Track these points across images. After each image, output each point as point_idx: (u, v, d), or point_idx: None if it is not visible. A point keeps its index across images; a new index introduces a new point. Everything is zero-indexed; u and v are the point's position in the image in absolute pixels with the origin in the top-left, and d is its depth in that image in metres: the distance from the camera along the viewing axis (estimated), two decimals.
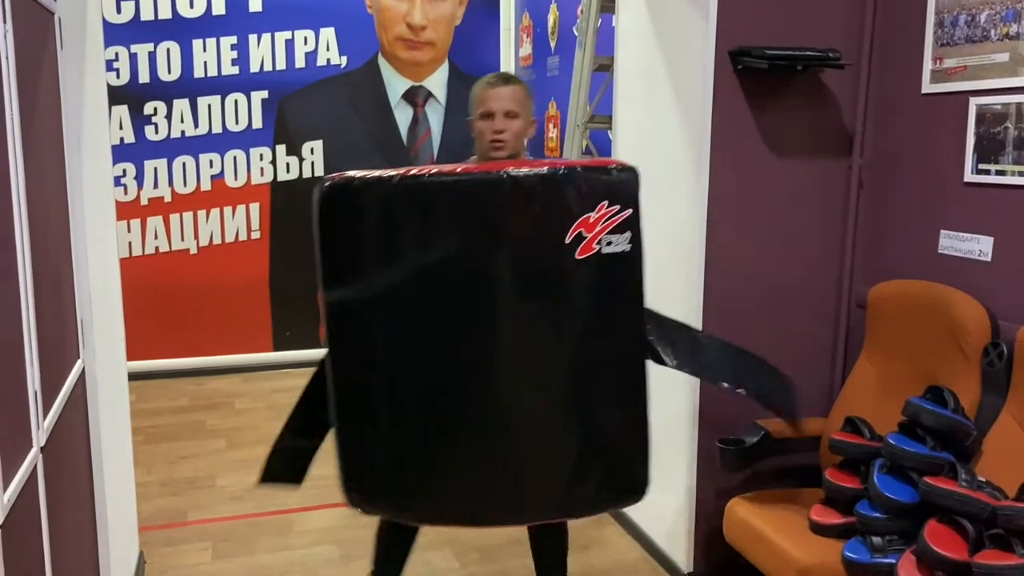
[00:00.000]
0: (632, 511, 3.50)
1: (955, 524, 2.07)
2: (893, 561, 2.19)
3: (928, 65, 2.68)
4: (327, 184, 1.92)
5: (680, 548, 3.06)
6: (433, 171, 1.87)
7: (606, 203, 1.88)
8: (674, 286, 3.12)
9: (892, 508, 2.28)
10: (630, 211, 1.92)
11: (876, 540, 2.29)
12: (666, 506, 3.15)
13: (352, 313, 1.96)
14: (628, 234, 1.92)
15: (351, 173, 1.92)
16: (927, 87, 2.69)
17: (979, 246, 2.53)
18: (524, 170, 1.86)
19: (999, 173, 2.45)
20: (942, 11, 2.62)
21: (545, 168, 1.88)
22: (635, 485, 2.08)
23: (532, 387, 1.96)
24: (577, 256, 1.87)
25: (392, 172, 1.88)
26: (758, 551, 2.57)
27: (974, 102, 2.52)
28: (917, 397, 2.40)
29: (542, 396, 1.97)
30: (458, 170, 1.91)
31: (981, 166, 2.51)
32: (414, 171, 1.87)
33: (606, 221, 1.89)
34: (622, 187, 1.92)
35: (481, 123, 2.30)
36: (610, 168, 1.94)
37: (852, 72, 2.86)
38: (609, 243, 1.90)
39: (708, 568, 3.01)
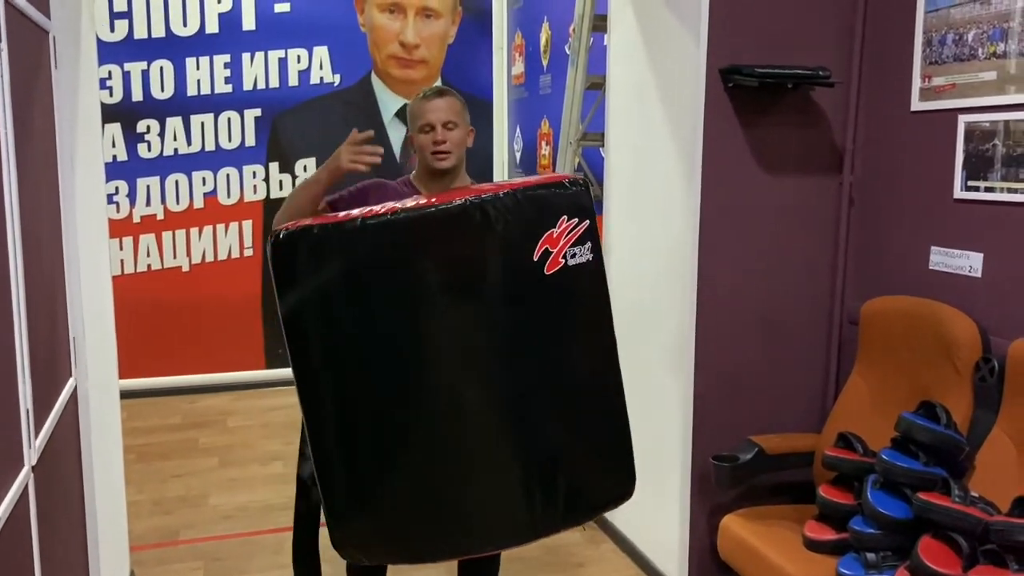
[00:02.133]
0: (627, 529, 3.49)
1: (949, 540, 2.07)
2: None
3: (917, 83, 2.70)
4: (281, 235, 1.90)
5: (674, 565, 3.05)
6: (395, 208, 1.87)
7: (565, 217, 1.94)
8: (667, 301, 3.14)
9: (886, 524, 2.28)
10: (588, 222, 1.97)
11: (870, 556, 2.29)
12: (660, 523, 3.14)
13: (327, 363, 1.95)
14: (588, 244, 1.98)
15: (307, 221, 1.92)
16: (916, 105, 2.71)
17: (969, 262, 2.55)
18: (486, 195, 1.89)
19: (988, 190, 2.47)
20: (930, 30, 2.65)
21: (505, 190, 1.91)
22: (618, 495, 2.13)
23: (515, 410, 1.97)
24: (546, 271, 1.92)
25: (353, 214, 1.88)
26: (752, 568, 2.57)
27: (963, 120, 2.54)
28: (910, 412, 2.41)
29: (527, 418, 1.98)
30: (421, 202, 1.91)
31: (970, 183, 2.53)
32: (375, 211, 1.87)
33: (568, 234, 1.94)
34: (578, 200, 1.98)
35: (422, 137, 2.30)
36: (564, 182, 2.00)
37: (842, 90, 2.89)
38: (573, 255, 1.95)
39: None
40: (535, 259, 1.91)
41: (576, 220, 1.95)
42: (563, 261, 1.93)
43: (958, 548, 2.04)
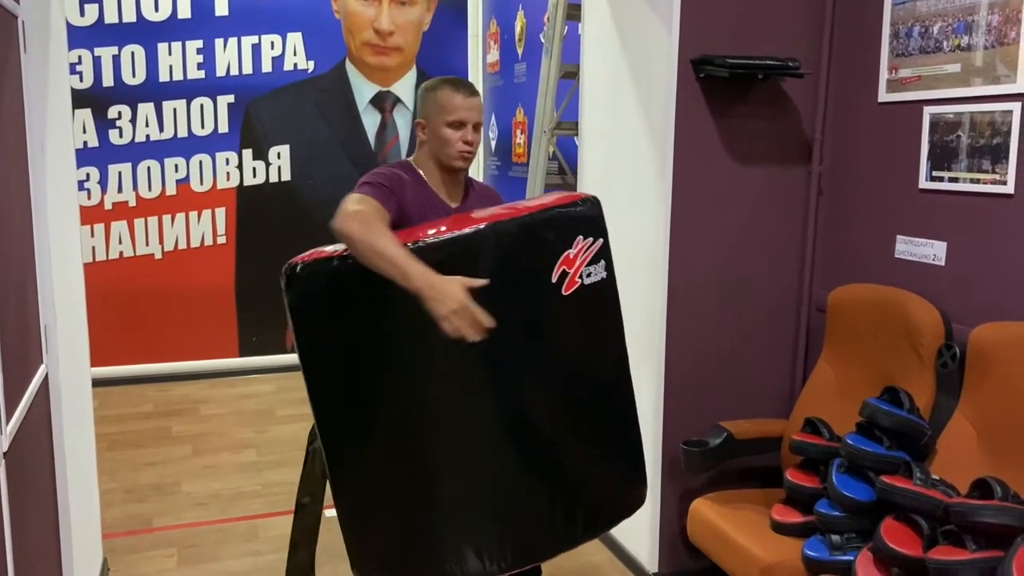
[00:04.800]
0: None
1: (910, 521, 2.12)
2: (851, 558, 2.24)
3: (884, 75, 2.75)
4: (300, 268, 1.84)
5: (645, 549, 3.09)
6: (418, 236, 1.83)
7: (581, 237, 1.94)
8: (638, 289, 3.16)
9: (850, 506, 2.33)
10: (601, 240, 1.98)
11: (835, 538, 2.35)
12: None
13: (360, 392, 1.91)
14: (603, 262, 1.99)
15: (326, 251, 1.86)
16: (883, 96, 2.76)
17: (933, 251, 2.60)
18: (504, 220, 1.87)
19: (952, 180, 2.52)
20: (897, 22, 2.69)
21: (522, 214, 1.90)
22: (632, 503, 2.19)
23: (537, 432, 1.98)
24: (564, 293, 1.92)
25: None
26: (721, 551, 2.62)
27: (928, 111, 2.59)
28: (874, 398, 2.46)
29: (549, 438, 1.99)
30: (441, 230, 1.86)
31: (935, 173, 2.58)
32: (404, 241, 1.82)
33: (584, 254, 1.95)
34: (592, 219, 1.98)
35: (449, 131, 2.11)
36: (578, 202, 1.99)
37: (811, 81, 2.92)
38: (589, 274, 1.96)
39: (673, 569, 3.04)
40: (553, 281, 1.90)
41: (591, 239, 1.95)
42: (579, 281, 1.94)
43: (919, 529, 2.09)
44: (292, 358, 6.17)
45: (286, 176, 5.70)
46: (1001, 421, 2.24)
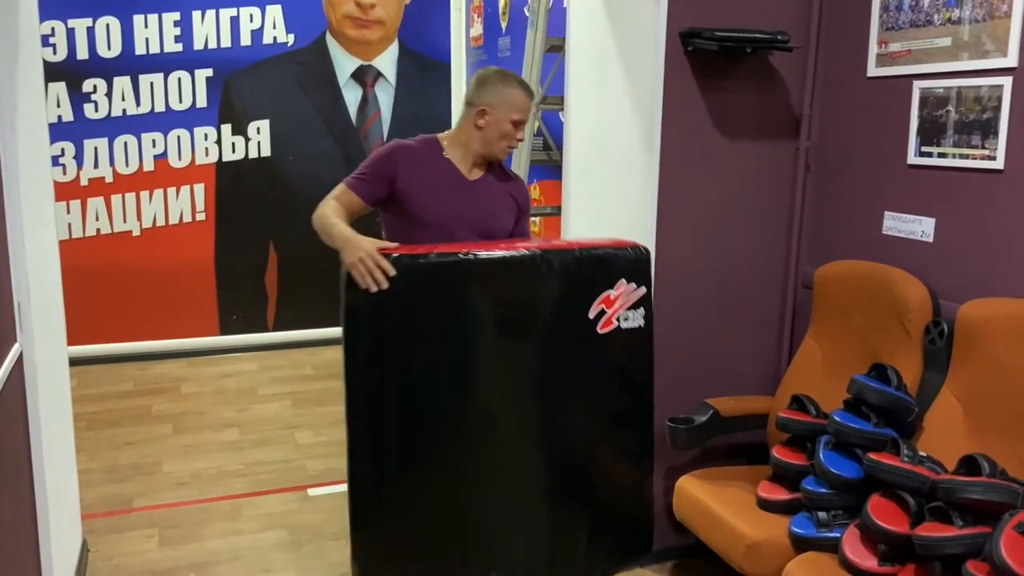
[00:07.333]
0: None
1: (897, 498, 2.12)
2: (838, 535, 2.24)
3: (873, 49, 2.72)
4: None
5: None
6: (468, 248, 1.98)
7: (624, 280, 2.06)
8: None
9: (837, 483, 2.33)
10: (644, 289, 2.10)
11: (822, 515, 2.34)
12: None
13: (396, 397, 2.00)
14: (642, 310, 2.11)
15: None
16: (872, 70, 2.73)
17: (921, 227, 2.59)
18: (553, 249, 2.02)
19: (941, 155, 2.50)
20: None
21: (576, 249, 2.04)
22: (642, 544, 2.31)
23: (559, 457, 2.08)
24: (599, 330, 2.05)
25: (421, 250, 1.97)
26: (708, 528, 2.61)
27: (917, 86, 2.56)
28: (861, 375, 2.45)
29: (570, 465, 2.10)
30: (498, 250, 2.01)
31: (924, 148, 2.56)
32: (447, 249, 1.97)
33: (625, 297, 2.07)
34: (639, 266, 2.11)
35: (508, 126, 2.31)
36: (629, 248, 2.12)
37: (800, 55, 2.89)
38: (627, 319, 2.08)
39: (659, 546, 3.02)
40: (591, 316, 2.03)
41: (634, 285, 2.08)
42: (616, 323, 2.06)
43: (906, 506, 2.09)
44: (274, 336, 6.11)
45: (266, 152, 5.62)
46: (988, 397, 2.23)
